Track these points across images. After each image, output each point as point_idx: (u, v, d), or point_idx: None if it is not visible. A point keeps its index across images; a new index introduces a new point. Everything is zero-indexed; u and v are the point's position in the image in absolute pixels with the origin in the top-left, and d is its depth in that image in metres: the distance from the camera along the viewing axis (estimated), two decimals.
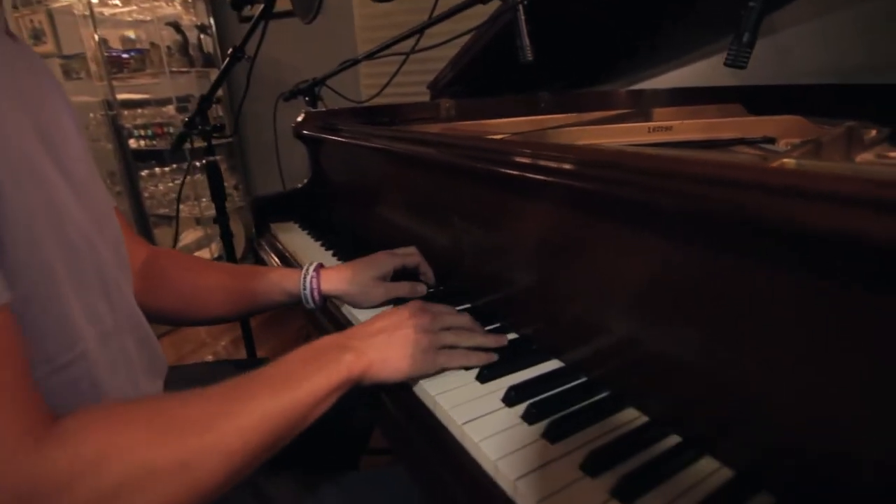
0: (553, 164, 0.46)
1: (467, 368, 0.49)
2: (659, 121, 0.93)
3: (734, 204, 0.30)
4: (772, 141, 0.83)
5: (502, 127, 0.96)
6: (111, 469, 0.28)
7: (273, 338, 2.08)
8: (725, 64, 0.61)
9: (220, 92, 1.05)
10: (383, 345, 0.45)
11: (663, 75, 1.43)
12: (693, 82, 1.35)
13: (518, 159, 0.48)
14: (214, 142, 1.17)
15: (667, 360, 0.40)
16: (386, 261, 0.65)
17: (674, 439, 0.39)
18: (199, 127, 1.02)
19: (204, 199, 2.29)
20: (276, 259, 0.91)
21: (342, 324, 0.64)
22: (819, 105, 0.94)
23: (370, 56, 1.05)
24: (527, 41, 0.80)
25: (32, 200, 0.35)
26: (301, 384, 0.39)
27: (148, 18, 2.27)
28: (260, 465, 0.36)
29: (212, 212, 2.29)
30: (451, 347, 0.49)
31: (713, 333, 0.36)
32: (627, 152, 0.40)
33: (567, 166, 0.44)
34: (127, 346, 0.46)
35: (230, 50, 0.91)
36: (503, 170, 0.50)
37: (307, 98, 1.19)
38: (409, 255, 0.67)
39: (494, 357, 0.49)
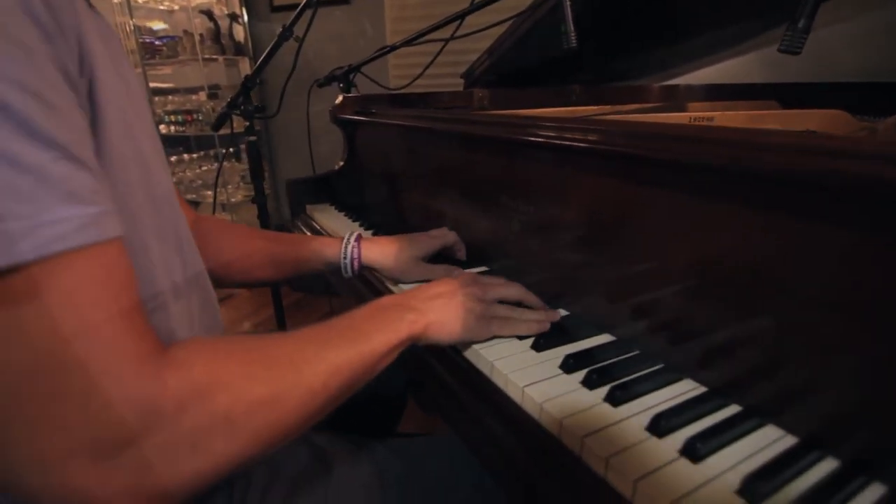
0: (613, 136, 0.46)
1: (520, 338, 0.50)
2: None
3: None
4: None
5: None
6: (218, 397, 0.30)
7: (299, 322, 2.10)
8: (779, 50, 0.61)
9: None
10: (441, 308, 0.47)
11: (696, 72, 1.42)
12: (725, 80, 1.34)
13: (573, 134, 0.49)
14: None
15: (720, 331, 0.40)
16: (428, 243, 0.68)
17: (734, 408, 0.39)
18: (242, 107, 1.04)
19: (230, 186, 2.33)
20: None
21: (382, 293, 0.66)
22: (854, 102, 0.93)
23: (409, 42, 1.06)
24: (572, 27, 0.80)
25: (126, 148, 0.36)
26: (371, 337, 0.41)
27: (177, 7, 2.31)
28: (330, 411, 0.37)
29: (238, 198, 2.34)
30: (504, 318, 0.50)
31: (763, 304, 0.37)
32: (688, 125, 0.41)
33: (627, 138, 0.45)
34: (192, 306, 0.47)
35: (280, 28, 0.92)
36: (559, 142, 0.51)
37: (341, 84, 1.21)
38: (445, 237, 0.71)
39: (546, 326, 0.51)
